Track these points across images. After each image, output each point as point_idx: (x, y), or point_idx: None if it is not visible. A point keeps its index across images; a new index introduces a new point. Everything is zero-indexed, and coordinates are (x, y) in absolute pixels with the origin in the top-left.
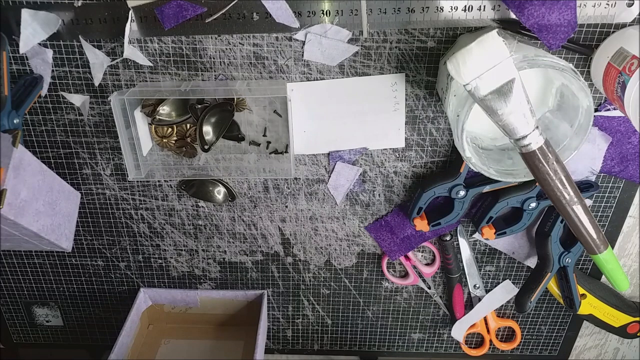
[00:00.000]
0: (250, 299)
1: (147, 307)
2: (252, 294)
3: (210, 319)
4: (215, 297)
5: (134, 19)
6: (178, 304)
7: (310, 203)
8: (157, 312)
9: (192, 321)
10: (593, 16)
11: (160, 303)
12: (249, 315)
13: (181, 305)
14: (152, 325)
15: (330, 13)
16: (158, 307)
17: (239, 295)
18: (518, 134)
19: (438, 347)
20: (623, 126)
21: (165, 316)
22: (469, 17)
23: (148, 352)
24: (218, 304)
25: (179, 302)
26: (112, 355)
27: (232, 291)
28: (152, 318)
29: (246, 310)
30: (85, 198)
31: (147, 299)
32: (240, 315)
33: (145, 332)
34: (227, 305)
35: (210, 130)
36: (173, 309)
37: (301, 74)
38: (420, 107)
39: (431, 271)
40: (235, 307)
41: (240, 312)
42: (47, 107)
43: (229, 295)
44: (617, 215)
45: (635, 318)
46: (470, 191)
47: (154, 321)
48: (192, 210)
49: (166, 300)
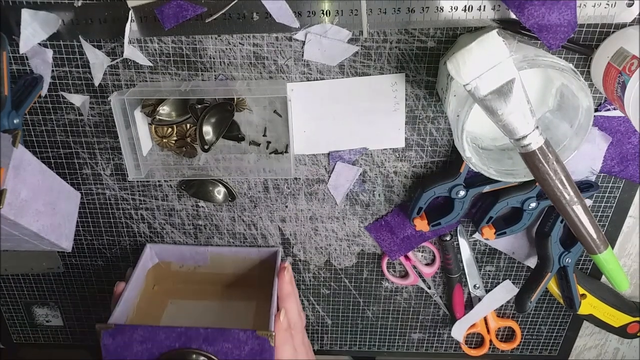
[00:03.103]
0: (263, 256)
1: (153, 265)
2: (266, 252)
3: (220, 278)
4: (226, 254)
5: (134, 19)
6: (187, 261)
7: (310, 203)
8: (164, 272)
9: (201, 281)
10: (593, 16)
11: (168, 260)
12: (261, 275)
13: (190, 263)
14: (157, 286)
15: (330, 13)
16: (165, 265)
17: (252, 252)
18: (518, 134)
19: (438, 347)
20: (623, 126)
21: (172, 275)
22: (469, 17)
23: (154, 312)
24: (229, 262)
25: (187, 259)
26: (117, 308)
27: (244, 248)
28: (158, 278)
29: (258, 269)
30: (85, 198)
31: (153, 255)
32: (252, 275)
33: (150, 292)
34: (238, 264)
35: (210, 130)
36: (181, 267)
37: (301, 74)
38: (420, 107)
39: (431, 271)
40: (247, 266)
41: (252, 271)
42: (47, 107)
43: (242, 252)
44: (617, 215)
45: (635, 318)
46: (470, 191)
47: (160, 281)
48: (192, 210)
49: (174, 257)
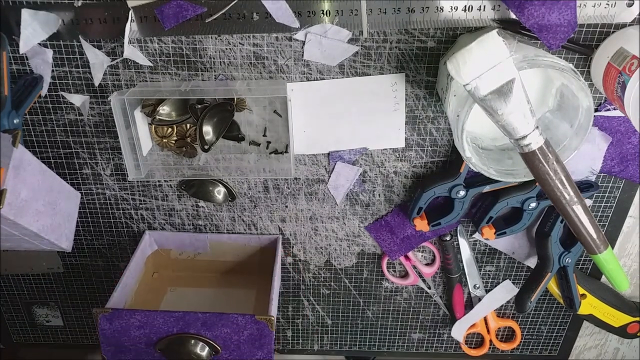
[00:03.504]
0: (263, 244)
1: (152, 252)
2: (266, 239)
3: (220, 266)
4: (226, 242)
5: (134, 19)
6: (186, 248)
7: (310, 203)
8: (163, 259)
9: (200, 269)
10: (593, 16)
11: (167, 248)
12: (261, 263)
13: (189, 250)
14: (156, 274)
15: (330, 13)
16: (164, 252)
17: (252, 239)
18: (518, 134)
19: (438, 347)
20: (623, 126)
21: (171, 263)
22: (469, 17)
23: (153, 300)
24: (229, 250)
25: (187, 246)
26: (115, 294)
27: (244, 235)
28: (157, 265)
29: (258, 257)
30: (85, 198)
31: (152, 242)
32: (252, 262)
33: (150, 280)
34: (238, 252)
35: (210, 130)
36: (180, 254)
37: (301, 74)
38: (420, 107)
39: (431, 271)
40: (247, 254)
41: (252, 259)
42: (47, 107)
43: (241, 239)
44: (617, 215)
45: (635, 318)
46: (470, 191)
47: (159, 269)
48: (192, 210)
49: (173, 244)
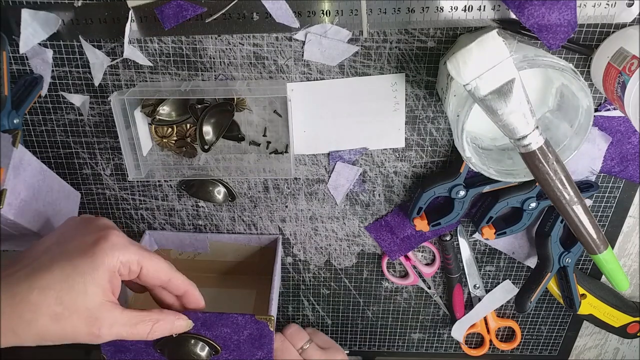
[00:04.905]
0: (264, 244)
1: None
2: (266, 239)
3: (220, 266)
4: (226, 242)
5: (134, 19)
6: (186, 249)
7: (310, 203)
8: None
9: (200, 269)
10: (593, 16)
11: (167, 248)
12: (261, 263)
13: (189, 250)
14: None
15: (330, 13)
16: (164, 252)
17: (252, 239)
18: (518, 134)
19: (438, 347)
20: (623, 126)
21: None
22: (469, 17)
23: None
24: (229, 250)
25: (187, 246)
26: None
27: (244, 235)
28: None
29: (259, 257)
30: (85, 198)
31: (152, 242)
32: (252, 262)
33: None
34: (239, 252)
35: (210, 130)
36: (180, 254)
37: (301, 74)
38: (420, 107)
39: (431, 271)
40: (248, 254)
41: (253, 259)
42: (47, 107)
43: (242, 239)
44: (617, 215)
45: (635, 318)
46: (470, 191)
47: None
48: (192, 210)
49: (173, 244)
